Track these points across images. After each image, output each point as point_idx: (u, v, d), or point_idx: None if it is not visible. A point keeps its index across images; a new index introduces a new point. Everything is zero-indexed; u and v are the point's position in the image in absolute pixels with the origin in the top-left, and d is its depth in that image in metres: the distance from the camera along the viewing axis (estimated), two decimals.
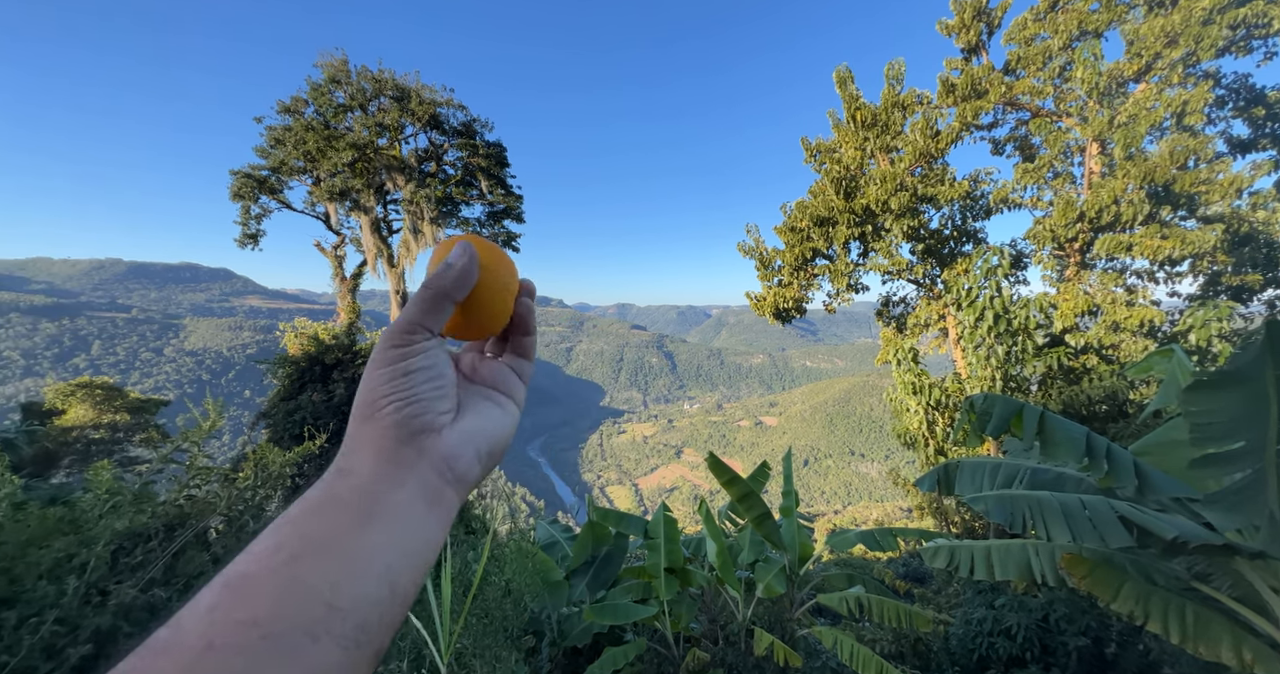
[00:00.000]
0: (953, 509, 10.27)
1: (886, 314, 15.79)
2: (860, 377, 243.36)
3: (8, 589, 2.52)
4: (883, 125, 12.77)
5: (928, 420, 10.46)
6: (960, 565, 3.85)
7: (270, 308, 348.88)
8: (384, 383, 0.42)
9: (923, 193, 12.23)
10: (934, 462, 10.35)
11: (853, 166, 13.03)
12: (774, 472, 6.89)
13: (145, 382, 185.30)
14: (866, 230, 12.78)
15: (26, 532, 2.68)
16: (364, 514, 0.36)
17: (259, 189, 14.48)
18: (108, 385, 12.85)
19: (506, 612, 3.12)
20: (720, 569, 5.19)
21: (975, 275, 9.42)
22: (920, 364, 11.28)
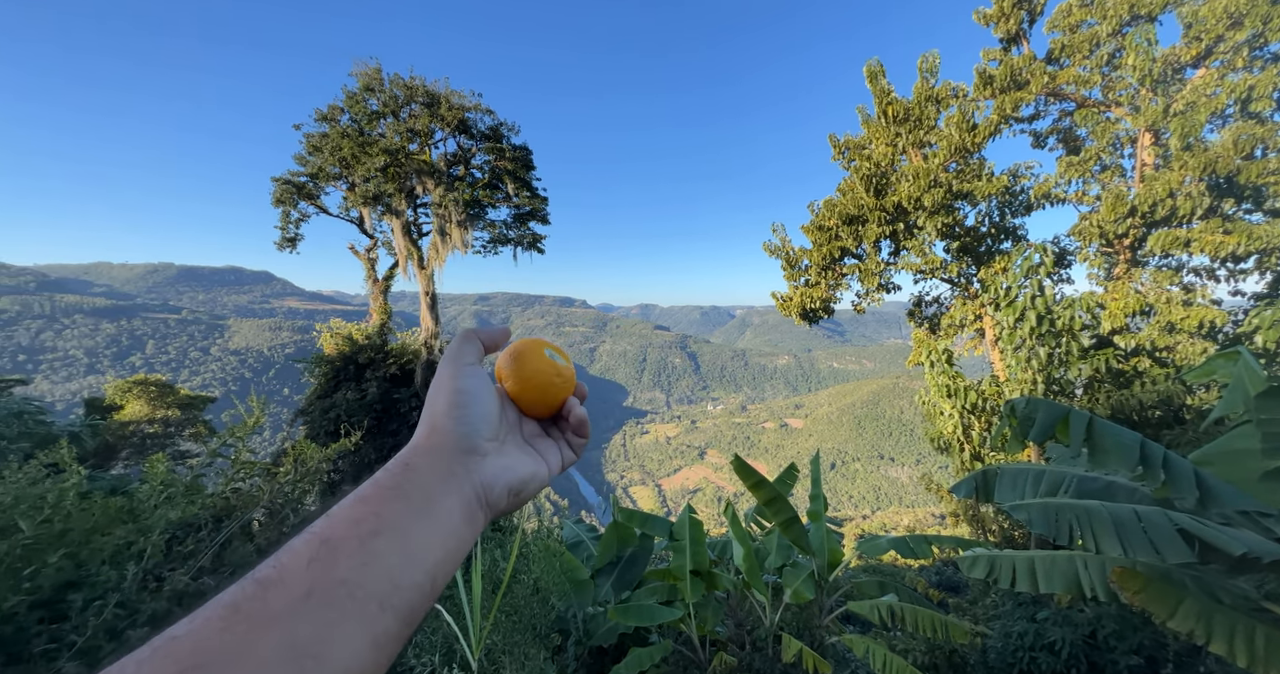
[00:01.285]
0: (990, 517, 9.87)
1: (919, 314, 15.30)
2: (889, 378, 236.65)
3: (75, 573, 2.69)
4: (915, 120, 12.38)
5: (963, 424, 10.09)
6: (1001, 576, 3.69)
7: (307, 309, 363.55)
8: (444, 396, 0.51)
9: (958, 189, 11.79)
10: (970, 467, 9.97)
11: (883, 163, 12.67)
12: (801, 474, 6.76)
13: (194, 379, 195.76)
14: (898, 228, 12.41)
15: (91, 520, 2.86)
16: (422, 511, 0.42)
17: (298, 195, 15.09)
18: (160, 383, 13.62)
19: (534, 610, 3.15)
20: (747, 573, 5.12)
21: (1015, 274, 9.03)
22: (955, 366, 10.89)
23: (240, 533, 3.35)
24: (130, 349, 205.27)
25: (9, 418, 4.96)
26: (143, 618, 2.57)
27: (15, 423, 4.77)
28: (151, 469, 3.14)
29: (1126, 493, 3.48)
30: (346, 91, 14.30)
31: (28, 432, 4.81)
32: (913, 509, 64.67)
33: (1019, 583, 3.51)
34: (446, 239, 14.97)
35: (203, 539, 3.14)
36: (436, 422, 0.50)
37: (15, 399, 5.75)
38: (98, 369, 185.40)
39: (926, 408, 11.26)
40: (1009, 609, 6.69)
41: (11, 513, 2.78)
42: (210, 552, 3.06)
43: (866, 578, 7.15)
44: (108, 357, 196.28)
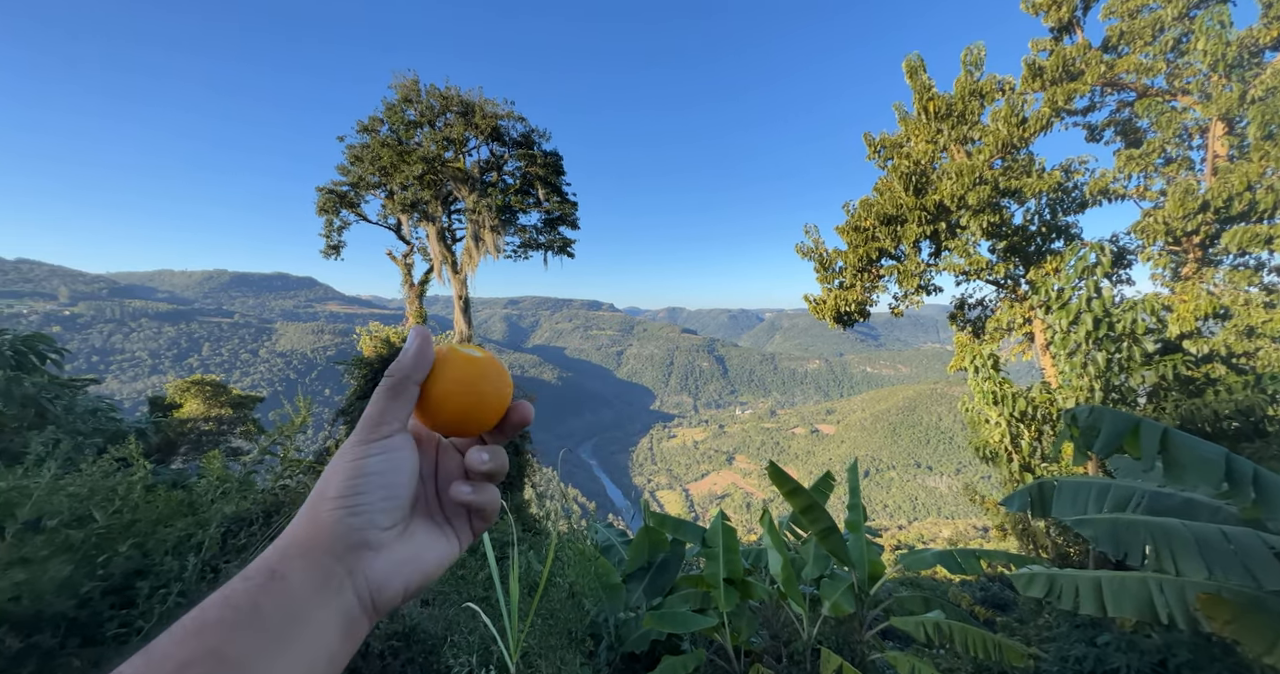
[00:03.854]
0: (1042, 532, 9.31)
1: (961, 317, 14.65)
2: (927, 384, 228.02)
3: (142, 562, 2.85)
4: (958, 115, 11.90)
5: (1011, 433, 9.58)
6: (1062, 596, 3.45)
7: (347, 313, 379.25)
8: (340, 479, 0.42)
9: (1005, 186, 11.25)
10: (1019, 479, 9.44)
11: (923, 161, 12.23)
12: (837, 482, 6.54)
13: (244, 379, 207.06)
14: (939, 228, 11.94)
15: (156, 512, 3.03)
16: (283, 638, 0.34)
17: (340, 203, 15.76)
18: (215, 383, 14.42)
19: (570, 614, 3.14)
20: (784, 583, 4.97)
21: (1068, 274, 8.52)
22: (1002, 372, 10.36)
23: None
24: (188, 351, 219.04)
25: (85, 415, 5.33)
26: None
27: (90, 419, 5.12)
28: (209, 465, 3.32)
29: (1209, 511, 3.19)
30: (386, 103, 14.87)
31: (101, 428, 5.16)
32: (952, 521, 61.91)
33: (1083, 604, 3.27)
34: (480, 244, 15.33)
35: (254, 533, 3.28)
36: (320, 511, 0.41)
37: (90, 397, 6.19)
38: (160, 369, 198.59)
39: (970, 415, 10.75)
40: (1065, 631, 6.27)
41: (87, 503, 2.97)
42: (261, 546, 3.19)
43: (908, 592, 6.84)
44: (168, 358, 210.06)
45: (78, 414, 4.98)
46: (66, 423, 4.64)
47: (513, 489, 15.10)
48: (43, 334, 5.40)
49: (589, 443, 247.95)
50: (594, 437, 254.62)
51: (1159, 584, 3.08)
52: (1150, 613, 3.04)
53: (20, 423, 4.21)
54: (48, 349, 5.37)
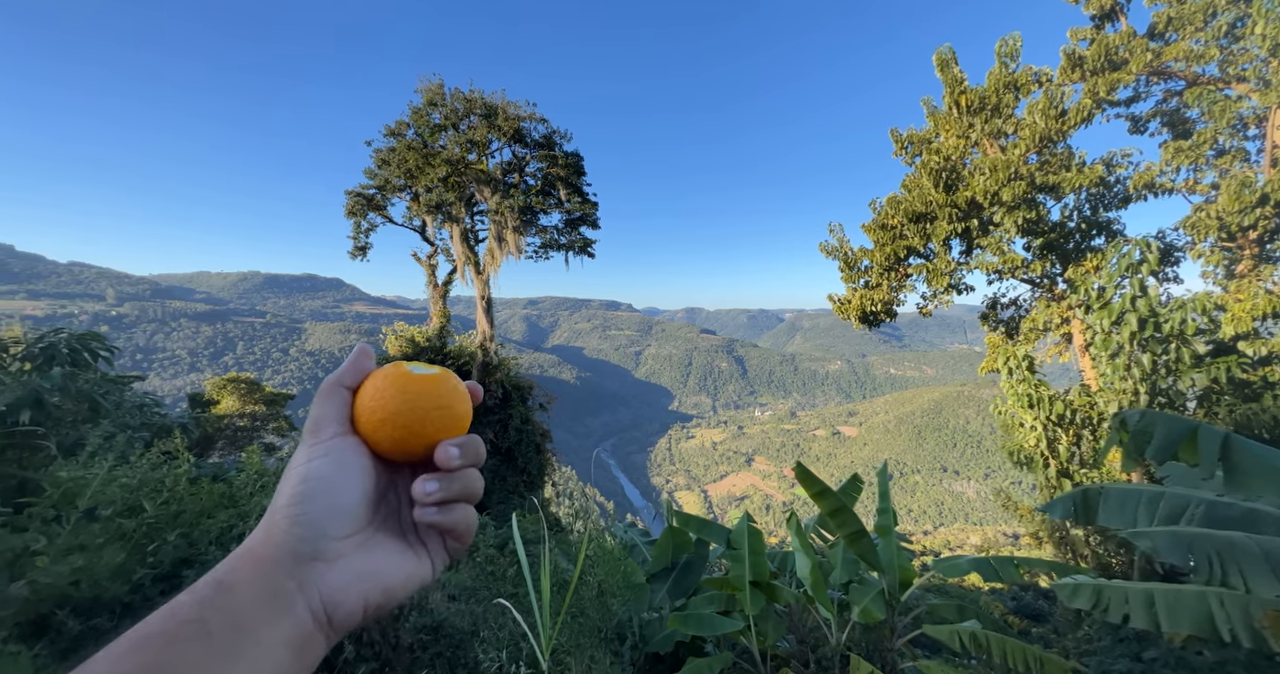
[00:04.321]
0: (1082, 540, 8.93)
1: (993, 318, 14.18)
2: (954, 386, 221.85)
3: (188, 551, 2.96)
4: (992, 109, 11.52)
5: (1047, 437, 9.22)
6: (1110, 609, 3.29)
7: (373, 313, 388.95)
8: (288, 487, 0.41)
9: (1042, 181, 10.84)
10: (1056, 485, 9.09)
11: (954, 156, 11.87)
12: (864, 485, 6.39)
13: (275, 377, 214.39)
14: (971, 225, 11.57)
15: (200, 503, 3.14)
16: (229, 655, 0.32)
17: (368, 206, 16.16)
18: (249, 380, 14.95)
19: (599, 613, 3.13)
20: (812, 587, 4.87)
21: (1110, 273, 8.16)
22: (1037, 374, 10.00)
23: None
24: (224, 350, 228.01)
25: (133, 410, 5.58)
26: None
27: (137, 414, 5.36)
28: (248, 460, 3.44)
29: (1276, 524, 3.00)
30: (412, 107, 15.18)
31: (147, 422, 5.39)
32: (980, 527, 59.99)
33: (1134, 618, 3.11)
34: (502, 245, 15.52)
35: None
36: (273, 523, 0.39)
37: (136, 393, 6.47)
38: (197, 367, 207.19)
39: (1003, 419, 10.40)
40: (1108, 645, 6.00)
41: (138, 494, 3.10)
42: None
43: (938, 599, 6.65)
44: (206, 356, 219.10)
45: (126, 409, 5.21)
46: (117, 418, 4.86)
47: (534, 487, 15.25)
48: (95, 333, 5.67)
49: (607, 443, 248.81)
50: (612, 437, 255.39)
51: (1219, 598, 2.91)
52: (1209, 629, 2.87)
53: (76, 417, 4.43)
54: (100, 347, 5.64)
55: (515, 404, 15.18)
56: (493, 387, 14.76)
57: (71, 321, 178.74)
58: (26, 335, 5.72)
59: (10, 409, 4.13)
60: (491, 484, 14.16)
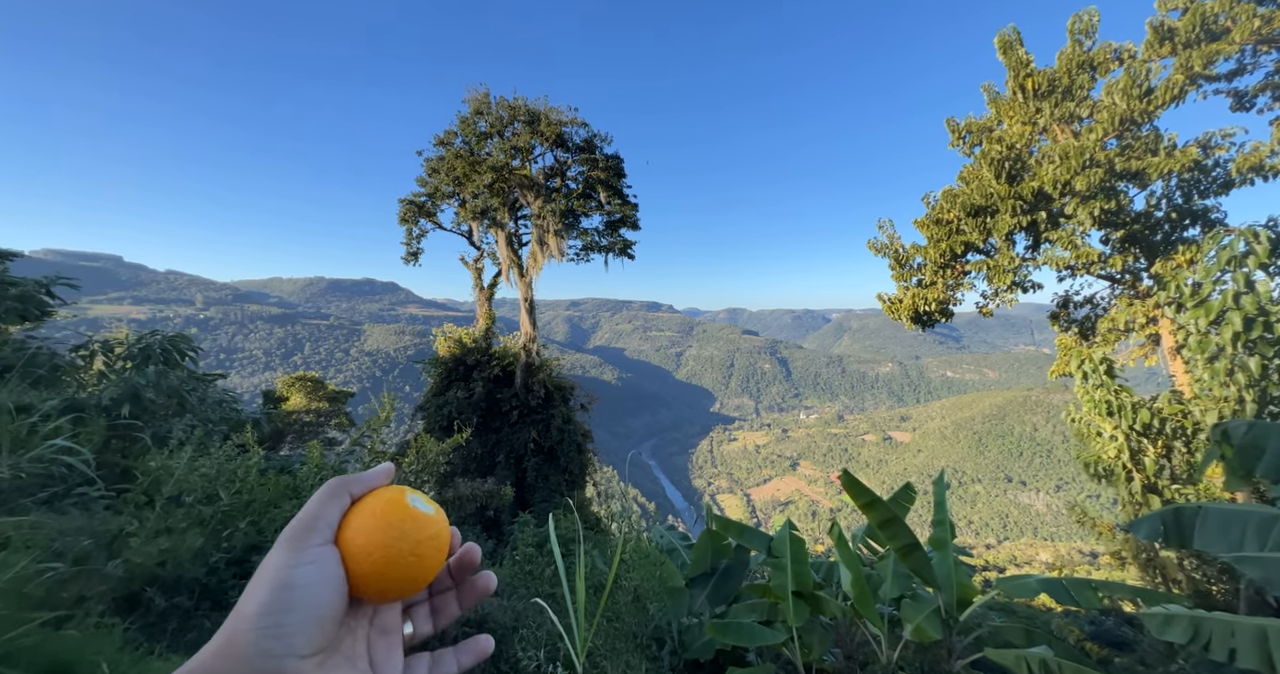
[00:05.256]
0: (1174, 564, 8.05)
1: (1065, 317, 13.08)
2: (1019, 390, 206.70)
3: (256, 538, 3.20)
4: (1063, 91, 10.64)
5: (1130, 448, 8.39)
6: (1211, 645, 2.94)
7: (425, 315, 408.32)
8: (264, 593, 0.38)
9: (1122, 168, 9.89)
10: (1142, 501, 8.25)
11: (1019, 144, 11.05)
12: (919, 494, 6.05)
13: (338, 376, 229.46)
14: (1038, 218, 10.72)
15: (268, 494, 3.39)
16: None
17: (419, 213, 16.96)
18: (314, 379, 16.05)
19: (634, 617, 3.11)
20: (857, 600, 4.65)
21: (1208, 267, 7.31)
22: (1118, 378, 9.12)
23: None
24: (293, 350, 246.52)
25: (213, 405, 6.10)
26: None
27: (217, 409, 5.86)
28: (310, 453, 3.68)
29: None
30: (460, 116, 15.82)
31: (225, 417, 5.89)
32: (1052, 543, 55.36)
33: (1242, 657, 2.75)
34: (544, 248, 15.87)
35: None
36: (237, 632, 0.36)
37: (217, 390, 7.08)
38: (271, 366, 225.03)
39: (1077, 427, 9.55)
40: None
41: (215, 483, 3.38)
42: None
43: (1003, 619, 6.18)
44: (278, 356, 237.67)
45: (208, 404, 5.70)
46: (200, 412, 5.32)
47: (575, 487, 15.47)
48: (183, 335, 6.25)
49: (648, 444, 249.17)
50: (653, 438, 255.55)
51: None
52: None
53: (166, 411, 4.88)
54: (187, 347, 6.22)
55: (557, 404, 15.46)
56: (535, 387, 15.11)
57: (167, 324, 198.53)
58: (128, 337, 6.39)
59: (114, 403, 4.61)
60: (534, 482, 14.48)
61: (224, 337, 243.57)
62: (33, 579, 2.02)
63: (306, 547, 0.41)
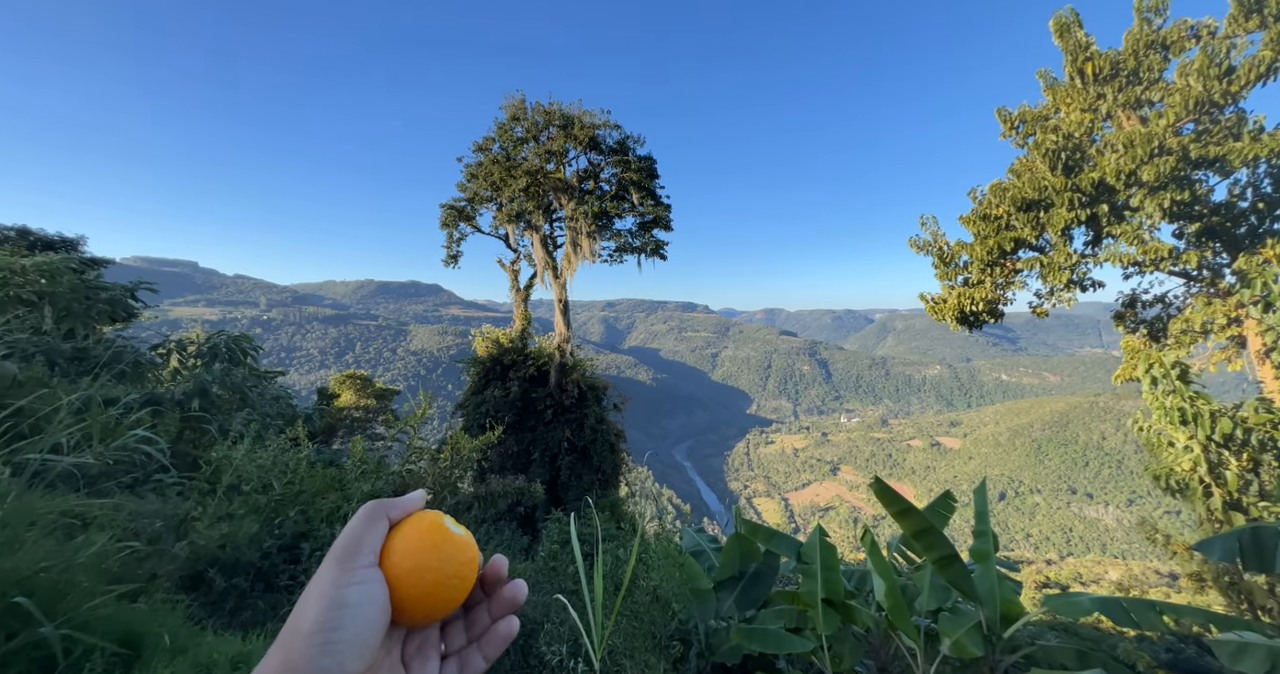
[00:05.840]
0: (1261, 589, 7.31)
1: (1131, 317, 12.10)
2: (1084, 396, 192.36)
3: (305, 526, 3.44)
4: (1129, 74, 9.87)
5: (1209, 461, 7.69)
6: None
7: (466, 316, 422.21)
8: (316, 612, 0.39)
9: (1198, 155, 9.06)
10: (1223, 519, 7.56)
11: (1077, 133, 10.32)
12: (959, 504, 5.77)
13: (385, 374, 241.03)
14: (1099, 211, 9.97)
15: (315, 485, 3.64)
16: None
17: (459, 217, 17.59)
18: (364, 377, 16.97)
19: (655, 617, 3.14)
20: (891, 611, 4.49)
21: None
22: (1193, 384, 8.38)
23: None
24: (345, 349, 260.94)
25: (272, 400, 6.58)
26: None
27: (275, 404, 6.32)
28: (353, 448, 3.94)
29: None
30: (497, 122, 16.32)
31: (282, 412, 6.34)
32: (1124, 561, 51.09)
33: None
34: (578, 250, 16.13)
35: None
36: (293, 649, 0.38)
37: (276, 386, 7.64)
38: (325, 365, 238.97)
39: (1146, 436, 8.84)
40: None
41: (269, 474, 3.66)
42: None
43: (1058, 640, 5.81)
44: (332, 354, 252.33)
45: (267, 400, 6.16)
46: (259, 407, 5.75)
47: (608, 486, 15.62)
48: (246, 335, 6.78)
49: (683, 445, 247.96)
50: (688, 439, 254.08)
51: None
52: None
53: (230, 405, 5.31)
54: (249, 347, 6.74)
55: (590, 404, 15.67)
56: (569, 386, 15.37)
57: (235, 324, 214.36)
58: (199, 337, 6.99)
59: (186, 397, 5.06)
60: (568, 481, 14.73)
61: (284, 336, 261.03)
62: (112, 556, 2.27)
63: (355, 567, 0.43)
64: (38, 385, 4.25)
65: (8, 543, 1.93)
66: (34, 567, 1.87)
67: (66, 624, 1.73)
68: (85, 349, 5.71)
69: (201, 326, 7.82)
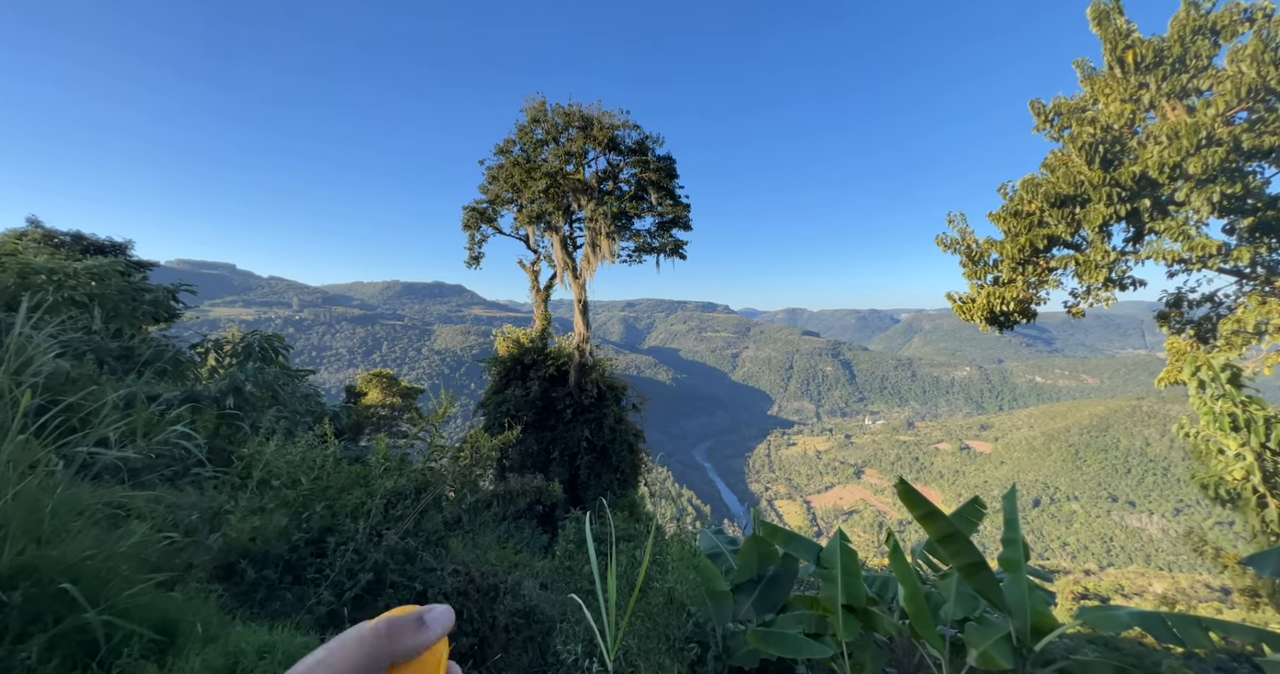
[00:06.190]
0: None
1: (1177, 318, 11.49)
2: (1126, 399, 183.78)
3: (330, 521, 3.55)
4: (1174, 61, 9.38)
5: (1264, 470, 7.26)
6: None
7: (488, 316, 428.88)
8: None
9: (1251, 145, 8.55)
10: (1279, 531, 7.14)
11: (1117, 125, 9.85)
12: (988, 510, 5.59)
13: (410, 373, 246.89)
14: (1140, 206, 9.50)
15: (341, 481, 3.76)
16: None
17: (480, 219, 17.87)
18: (389, 375, 17.40)
19: (669, 619, 3.13)
20: (915, 619, 4.37)
21: None
22: (1245, 388, 7.92)
23: (433, 505, 4.05)
24: (373, 348, 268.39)
25: (302, 398, 6.81)
26: (369, 564, 3.30)
27: (304, 402, 6.54)
28: (377, 446, 4.05)
29: None
30: (518, 125, 16.53)
31: (311, 409, 6.56)
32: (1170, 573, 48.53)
33: None
34: (596, 251, 16.20)
35: (408, 506, 3.89)
36: None
37: (307, 384, 7.90)
38: (354, 363, 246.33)
39: (1193, 442, 8.40)
40: None
41: (297, 469, 3.79)
42: (412, 517, 3.76)
43: (1095, 655, 5.56)
44: (360, 354, 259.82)
45: (297, 398, 6.38)
46: (290, 404, 5.96)
47: (627, 486, 15.65)
48: (278, 335, 7.04)
49: (703, 445, 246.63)
50: (708, 439, 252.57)
51: None
52: None
53: (262, 402, 5.51)
54: (280, 346, 7.00)
55: (609, 404, 15.72)
56: (588, 386, 15.46)
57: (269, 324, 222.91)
58: (235, 336, 7.29)
59: (222, 395, 5.29)
60: (587, 480, 14.82)
61: (315, 336, 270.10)
62: (152, 546, 2.38)
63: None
64: (88, 382, 4.50)
65: (57, 532, 2.05)
66: (80, 555, 1.98)
67: (108, 611, 1.83)
68: (131, 348, 6.03)
69: (238, 326, 8.16)
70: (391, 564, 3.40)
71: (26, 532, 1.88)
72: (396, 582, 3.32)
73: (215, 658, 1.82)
